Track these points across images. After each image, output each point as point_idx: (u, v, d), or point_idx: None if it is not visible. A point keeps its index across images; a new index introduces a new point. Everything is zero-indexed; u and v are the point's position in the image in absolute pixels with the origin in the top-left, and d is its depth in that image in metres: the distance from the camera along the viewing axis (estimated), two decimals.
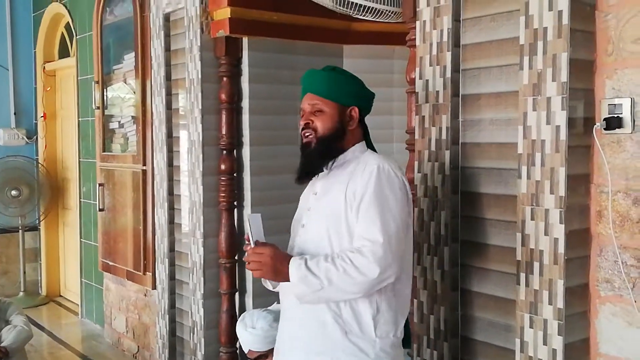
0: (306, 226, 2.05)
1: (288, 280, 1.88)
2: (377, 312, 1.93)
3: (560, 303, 2.00)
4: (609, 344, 2.04)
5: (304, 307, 1.96)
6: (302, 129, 2.04)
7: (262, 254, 1.90)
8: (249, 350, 2.79)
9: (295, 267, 1.87)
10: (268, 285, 2.11)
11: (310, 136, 2.02)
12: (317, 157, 2.02)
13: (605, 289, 2.04)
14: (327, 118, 2.01)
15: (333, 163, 2.03)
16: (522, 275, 2.09)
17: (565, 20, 1.96)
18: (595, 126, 2.01)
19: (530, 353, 2.07)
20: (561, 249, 1.99)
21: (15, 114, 6.48)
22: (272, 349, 2.75)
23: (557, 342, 2.01)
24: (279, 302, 2.91)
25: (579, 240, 2.05)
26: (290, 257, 1.91)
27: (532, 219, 2.06)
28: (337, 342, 1.93)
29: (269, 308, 2.89)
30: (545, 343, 2.04)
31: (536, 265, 2.05)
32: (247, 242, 2.00)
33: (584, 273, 2.07)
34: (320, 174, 2.05)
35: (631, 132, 1.96)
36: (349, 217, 1.92)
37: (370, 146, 2.12)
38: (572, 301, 2.02)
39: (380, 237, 1.84)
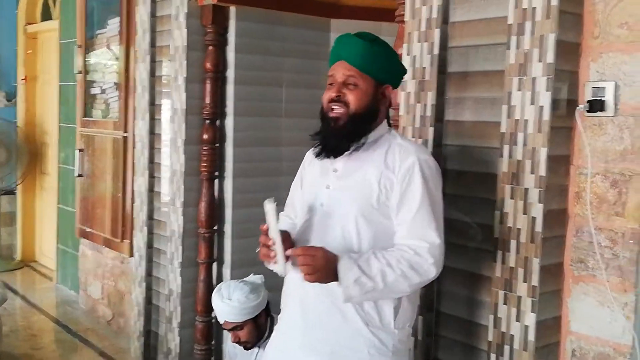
0: (326, 206, 1.90)
1: (333, 280, 1.77)
2: (399, 304, 1.88)
3: (535, 281, 2.03)
4: (580, 322, 2.09)
5: (324, 299, 1.86)
6: (332, 100, 1.86)
7: (315, 257, 1.76)
8: (225, 321, 2.80)
9: (347, 268, 1.75)
10: (276, 268, 1.91)
11: (341, 111, 1.85)
12: (346, 135, 1.86)
13: (579, 268, 2.08)
14: (362, 94, 1.85)
15: (359, 143, 1.88)
16: (499, 253, 2.12)
17: (555, 1, 1.97)
18: (578, 108, 2.04)
19: (503, 329, 2.11)
20: (538, 227, 2.02)
21: None
22: (248, 320, 2.78)
23: (530, 319, 2.05)
24: (255, 274, 2.94)
25: (556, 220, 2.08)
26: (337, 256, 1.77)
27: (512, 197, 2.09)
28: (358, 333, 1.86)
29: (245, 279, 2.90)
30: (518, 319, 2.08)
31: (513, 243, 2.08)
32: (268, 237, 1.84)
33: (559, 252, 2.11)
34: (338, 154, 1.90)
35: (613, 116, 1.99)
36: (382, 205, 1.84)
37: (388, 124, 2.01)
38: (547, 279, 2.06)
39: (437, 239, 1.81)
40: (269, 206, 1.83)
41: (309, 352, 1.91)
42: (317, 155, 1.92)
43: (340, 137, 1.86)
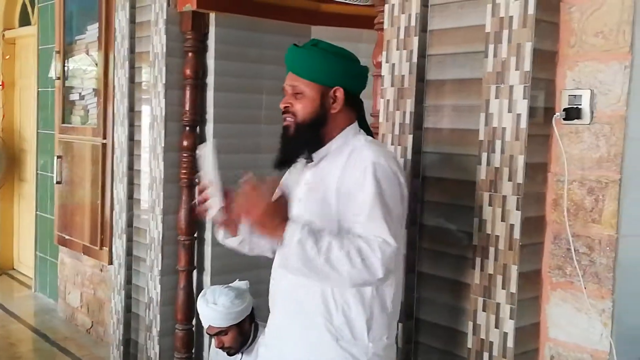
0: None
1: (276, 236, 1.68)
2: (371, 317, 1.81)
3: (513, 288, 2.04)
4: (558, 329, 2.10)
5: (295, 314, 1.85)
6: (283, 112, 1.89)
7: (264, 197, 1.68)
8: (209, 325, 2.79)
9: (296, 226, 1.67)
10: (227, 240, 1.95)
11: (290, 120, 1.86)
12: (295, 145, 1.87)
13: (557, 275, 2.10)
14: (308, 102, 1.84)
15: (314, 150, 1.87)
16: (478, 260, 2.13)
17: (531, 10, 1.99)
18: (555, 116, 2.05)
19: (482, 336, 2.12)
20: (517, 235, 2.03)
21: None
22: (232, 325, 2.76)
23: (509, 326, 2.05)
24: (240, 280, 2.93)
25: (534, 227, 2.09)
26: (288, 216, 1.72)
27: (490, 204, 2.10)
28: (329, 348, 1.81)
29: (230, 285, 2.89)
30: (497, 326, 2.08)
31: (491, 250, 2.09)
32: (201, 181, 1.80)
33: (537, 259, 2.12)
34: (309, 164, 1.90)
35: (589, 124, 2.01)
36: (340, 215, 1.78)
37: (364, 126, 1.98)
38: (525, 286, 2.07)
39: (390, 239, 1.69)
40: (205, 149, 1.79)
41: None
42: (274, 167, 1.92)
43: (290, 146, 1.87)
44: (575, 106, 2.02)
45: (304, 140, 1.86)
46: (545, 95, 2.07)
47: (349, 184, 1.78)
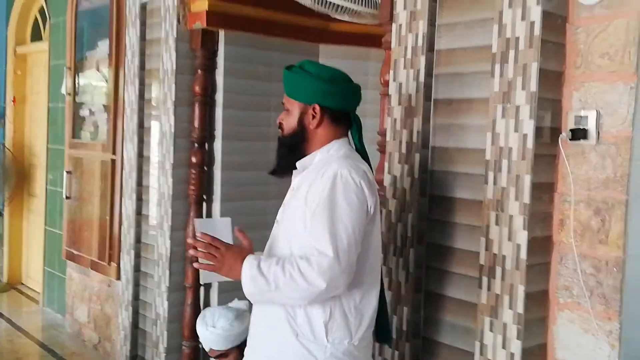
0: (279, 223, 2.03)
1: (239, 278, 1.86)
2: (330, 318, 1.89)
3: (520, 308, 2.03)
4: (566, 350, 2.09)
5: (261, 306, 1.97)
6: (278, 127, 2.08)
7: (219, 249, 1.88)
8: (210, 348, 2.78)
9: (247, 266, 1.85)
10: (202, 278, 2.11)
11: (280, 133, 2.06)
12: (280, 155, 2.05)
13: (564, 296, 2.09)
14: (290, 117, 2.01)
15: (294, 162, 2.01)
16: (485, 279, 2.13)
17: (537, 31, 2.00)
18: (561, 136, 2.06)
19: (490, 356, 2.11)
20: (523, 255, 2.03)
21: None
22: (233, 347, 2.75)
23: (516, 346, 2.05)
24: (239, 299, 2.92)
25: (541, 247, 2.09)
26: (247, 255, 1.88)
27: (497, 224, 2.10)
28: (287, 343, 1.91)
29: (229, 305, 2.88)
30: (504, 347, 2.07)
31: (498, 270, 2.09)
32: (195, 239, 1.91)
33: (544, 280, 2.11)
34: (296, 171, 2.04)
35: (595, 144, 2.01)
36: (307, 221, 1.86)
37: (361, 150, 2.07)
38: (532, 307, 2.06)
39: (328, 249, 1.78)
40: (220, 221, 2.07)
41: None
42: (269, 172, 2.11)
43: (277, 158, 2.07)
44: (581, 127, 2.03)
45: (286, 152, 2.04)
46: (552, 115, 2.08)
47: (313, 193, 1.89)
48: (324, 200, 1.83)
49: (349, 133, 2.08)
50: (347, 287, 1.85)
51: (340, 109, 2.02)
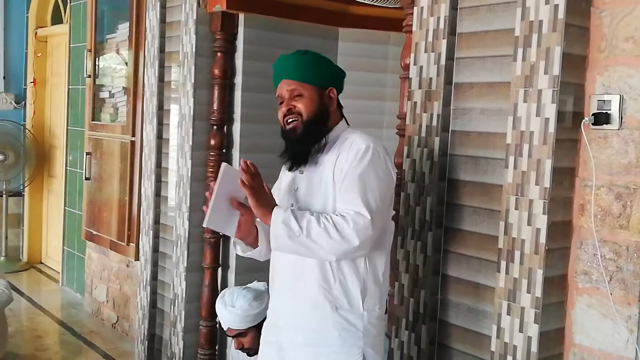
0: (295, 206, 2.06)
1: (267, 217, 1.90)
2: (365, 287, 2.01)
3: (538, 292, 2.04)
4: (583, 334, 2.09)
5: (297, 286, 2.03)
6: (285, 115, 2.05)
7: (262, 184, 1.96)
8: (228, 328, 2.81)
9: (282, 209, 1.91)
10: (238, 250, 2.15)
11: (296, 121, 2.03)
12: (306, 141, 2.03)
13: (582, 280, 2.09)
14: (309, 101, 2.03)
15: (324, 144, 2.05)
16: (503, 263, 2.13)
17: (561, 14, 1.98)
18: (583, 121, 2.05)
19: (506, 339, 2.12)
20: (542, 239, 2.03)
21: (4, 78, 6.42)
22: (252, 327, 2.79)
23: (533, 330, 2.05)
24: (259, 280, 2.95)
25: (561, 231, 2.09)
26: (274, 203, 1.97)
27: (516, 208, 2.09)
28: (328, 317, 1.99)
29: (248, 286, 2.91)
30: (521, 330, 2.08)
31: (517, 254, 2.09)
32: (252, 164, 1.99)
33: (563, 264, 2.11)
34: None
35: (618, 129, 1.99)
36: (336, 192, 1.97)
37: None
38: (550, 291, 2.06)
39: (364, 211, 1.87)
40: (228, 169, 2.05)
41: (284, 338, 2.07)
42: (290, 169, 2.10)
43: (302, 144, 2.04)
44: (604, 111, 2.01)
45: (312, 136, 2.04)
46: (574, 99, 2.06)
47: (341, 165, 1.97)
48: (354, 170, 1.93)
49: None
50: (367, 252, 1.95)
51: (340, 92, 2.14)
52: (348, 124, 2.16)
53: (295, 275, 2.04)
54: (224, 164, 2.06)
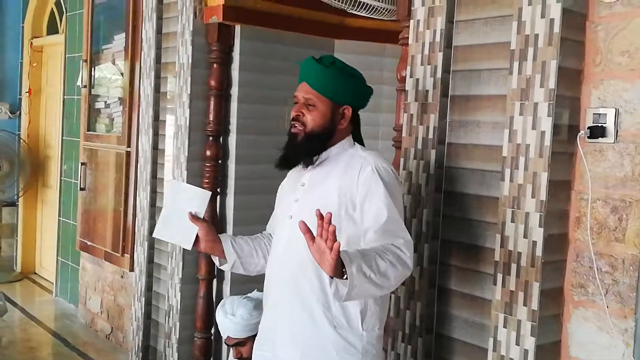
0: (295, 218, 1.99)
1: (334, 272, 1.68)
2: (365, 306, 1.96)
3: (534, 305, 2.04)
4: (580, 347, 2.09)
5: (295, 302, 1.98)
6: (292, 119, 2.03)
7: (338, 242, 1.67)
8: (228, 336, 2.80)
9: (349, 257, 1.70)
10: (217, 262, 2.16)
11: (299, 129, 2.01)
12: (301, 151, 2.01)
13: (579, 293, 2.09)
14: (319, 115, 1.99)
15: (316, 159, 2.02)
16: (499, 276, 2.13)
17: (557, 28, 2.00)
18: (579, 134, 2.05)
19: (503, 352, 2.11)
20: (539, 252, 2.03)
21: None
22: (251, 336, 2.77)
23: (530, 343, 2.05)
24: (259, 290, 2.94)
25: (557, 244, 2.09)
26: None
27: (513, 221, 2.10)
28: (327, 336, 1.95)
29: (249, 295, 2.91)
30: (517, 343, 2.08)
31: (513, 266, 2.09)
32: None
33: (559, 277, 2.11)
34: (299, 167, 2.05)
35: (614, 142, 2.00)
36: (341, 215, 1.92)
37: (358, 139, 2.12)
38: (547, 304, 2.06)
39: (408, 236, 1.88)
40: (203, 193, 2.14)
41: (281, 354, 2.01)
42: (276, 165, 2.07)
43: (296, 151, 2.02)
44: (599, 124, 2.02)
45: (310, 149, 2.01)
46: (570, 113, 2.08)
47: (351, 188, 1.94)
48: (385, 196, 1.90)
49: None
50: None
51: (360, 108, 2.10)
52: (359, 140, 2.11)
53: (294, 290, 1.99)
54: (172, 182, 2.12)
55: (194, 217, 2.07)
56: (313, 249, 1.69)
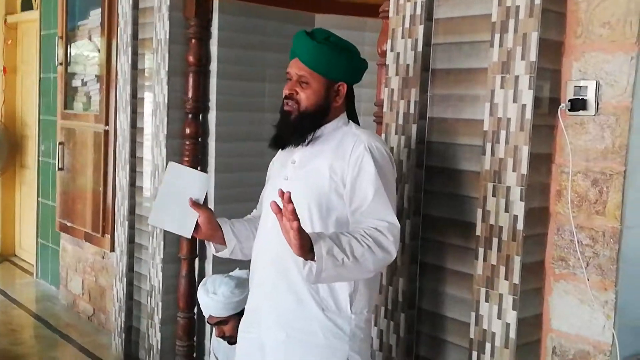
0: (289, 179, 1.96)
1: (307, 255, 1.67)
2: (354, 289, 1.91)
3: (516, 279, 2.04)
4: (561, 320, 2.10)
5: (281, 282, 1.92)
6: (285, 97, 1.94)
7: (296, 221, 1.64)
8: (210, 315, 2.78)
9: (320, 241, 1.68)
10: (212, 249, 2.10)
11: (293, 107, 1.92)
12: (295, 129, 1.93)
13: (560, 266, 2.09)
14: (312, 93, 1.91)
15: (310, 137, 1.94)
16: (481, 250, 2.13)
17: (538, 0, 1.97)
18: (560, 107, 2.04)
19: (485, 326, 2.12)
20: (520, 226, 2.03)
21: None
22: (233, 314, 2.76)
23: (511, 317, 2.05)
24: (240, 269, 2.93)
25: (538, 218, 2.09)
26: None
27: (494, 195, 2.09)
28: (314, 318, 1.90)
29: (231, 274, 2.88)
30: (499, 317, 2.08)
31: (495, 241, 2.09)
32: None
33: (540, 250, 2.11)
34: (290, 146, 1.97)
35: (594, 115, 1.99)
36: (331, 194, 1.87)
37: (353, 116, 2.05)
38: (528, 277, 2.07)
39: (393, 219, 1.82)
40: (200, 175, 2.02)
41: (266, 335, 1.97)
42: (269, 145, 2.01)
43: (289, 130, 1.94)
44: (580, 97, 2.01)
45: (304, 127, 1.93)
46: (551, 85, 2.06)
47: (342, 167, 1.88)
48: (375, 177, 1.84)
49: None
50: None
51: (355, 83, 2.03)
52: (354, 117, 2.05)
53: (280, 270, 1.93)
54: (171, 162, 1.98)
55: (195, 204, 1.98)
56: (282, 229, 1.66)
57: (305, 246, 1.65)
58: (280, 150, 2.05)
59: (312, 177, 1.91)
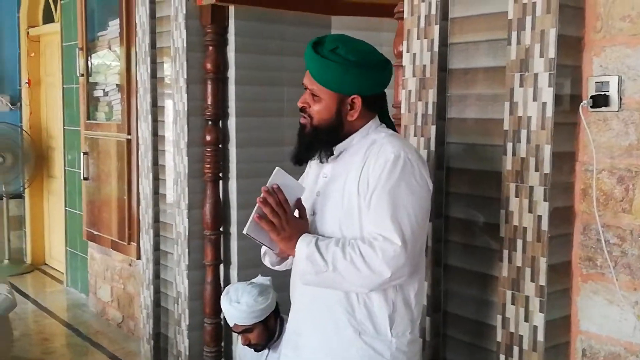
0: (318, 214, 1.86)
1: (293, 252, 1.75)
2: (394, 310, 1.79)
3: (542, 280, 2.00)
4: (590, 321, 2.05)
5: (316, 305, 1.84)
6: (300, 110, 1.87)
7: (286, 213, 1.74)
8: (235, 324, 2.79)
9: (305, 242, 1.73)
10: (266, 262, 1.99)
11: (307, 120, 1.84)
12: (311, 144, 1.84)
13: (587, 267, 2.05)
14: (323, 108, 1.81)
15: (329, 153, 1.84)
16: (505, 252, 2.09)
17: None
18: (581, 104, 1.99)
19: (512, 329, 2.08)
20: (545, 226, 1.99)
21: None
22: (257, 322, 2.76)
23: (539, 319, 2.02)
24: (263, 275, 2.93)
25: (563, 218, 2.04)
26: (305, 231, 1.78)
27: (517, 196, 2.05)
28: (352, 343, 1.79)
29: (253, 281, 2.89)
30: (526, 320, 2.04)
31: (519, 242, 2.05)
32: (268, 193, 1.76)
33: (566, 251, 2.07)
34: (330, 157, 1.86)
35: (617, 111, 1.94)
36: (362, 208, 1.76)
37: (386, 118, 1.93)
38: (554, 278, 2.02)
39: (394, 237, 1.68)
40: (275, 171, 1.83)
41: (306, 354, 1.89)
42: (290, 160, 1.90)
43: (305, 146, 1.86)
44: (602, 93, 1.96)
45: (319, 142, 1.84)
46: (571, 82, 2.01)
47: (367, 177, 1.76)
48: (383, 185, 1.72)
49: None
50: (410, 276, 1.76)
51: (377, 91, 1.88)
52: (386, 118, 1.92)
53: (317, 294, 1.82)
54: (277, 168, 1.82)
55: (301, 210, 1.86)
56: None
57: (293, 241, 1.74)
58: (299, 162, 1.93)
59: (340, 194, 1.81)
